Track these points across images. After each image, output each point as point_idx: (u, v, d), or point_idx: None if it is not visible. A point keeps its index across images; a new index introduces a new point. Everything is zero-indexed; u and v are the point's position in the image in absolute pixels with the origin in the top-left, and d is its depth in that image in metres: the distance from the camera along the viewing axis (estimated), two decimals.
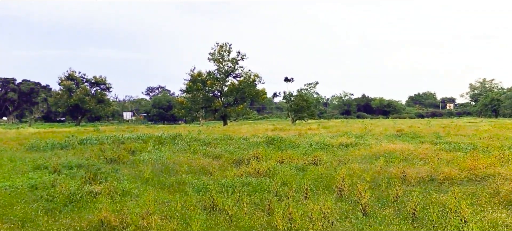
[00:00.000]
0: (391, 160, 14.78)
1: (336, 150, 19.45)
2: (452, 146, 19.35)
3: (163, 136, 25.69)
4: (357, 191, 9.18)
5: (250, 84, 64.92)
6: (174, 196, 10.22)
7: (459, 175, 11.76)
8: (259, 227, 7.62)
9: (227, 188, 10.70)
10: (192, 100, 66.04)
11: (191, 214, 8.15)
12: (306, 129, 36.83)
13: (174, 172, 13.85)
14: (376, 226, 7.78)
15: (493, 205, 8.77)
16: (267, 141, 22.81)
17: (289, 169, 13.86)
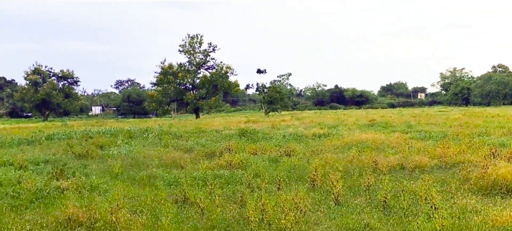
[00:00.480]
0: (363, 149, 14.85)
1: (309, 140, 19.49)
2: (423, 135, 19.64)
3: (133, 129, 25.30)
4: (329, 181, 9.15)
5: (222, 76, 64.56)
6: (144, 190, 10.02)
7: (430, 163, 11.89)
8: (231, 219, 7.51)
9: (198, 181, 10.56)
10: (163, 94, 65.22)
11: (162, 208, 7.99)
12: (279, 121, 36.87)
13: (144, 166, 13.63)
14: (348, 215, 7.77)
15: (463, 192, 8.87)
16: (240, 133, 22.69)
17: (262, 160, 13.79)
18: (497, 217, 6.79)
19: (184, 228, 7.05)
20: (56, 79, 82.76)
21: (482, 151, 13.12)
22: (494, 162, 10.71)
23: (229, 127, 28.50)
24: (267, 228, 6.71)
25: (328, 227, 7.14)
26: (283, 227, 6.52)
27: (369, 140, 17.61)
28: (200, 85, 65.86)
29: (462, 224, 6.83)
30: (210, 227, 7.16)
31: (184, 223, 7.38)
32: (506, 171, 9.27)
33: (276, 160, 13.90)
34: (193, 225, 7.26)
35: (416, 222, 6.13)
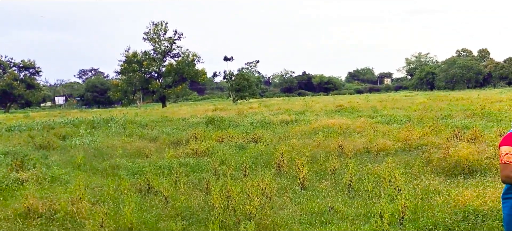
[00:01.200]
0: (330, 134, 14.93)
1: (277, 127, 19.49)
2: (388, 119, 19.90)
3: (96, 119, 24.76)
4: (295, 166, 9.14)
5: (188, 64, 63.88)
6: (107, 180, 9.79)
7: (394, 146, 12.04)
8: (196, 206, 7.42)
9: (163, 169, 10.39)
10: (128, 82, 64.06)
11: (124, 197, 7.81)
12: (247, 108, 36.78)
13: (108, 156, 13.35)
14: (314, 199, 7.78)
15: (425, 173, 9.00)
16: (207, 121, 22.51)
17: (228, 148, 13.69)
18: (459, 196, 6.89)
19: (147, 216, 6.90)
20: (17, 69, 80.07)
21: (445, 133, 13.38)
22: (457, 144, 10.91)
23: (196, 115, 28.26)
24: (232, 214, 6.63)
25: (293, 211, 7.11)
26: (248, 212, 6.44)
27: (336, 125, 17.72)
28: (166, 73, 65.01)
29: (425, 205, 6.91)
30: (174, 215, 7.04)
31: (147, 212, 7.24)
32: (467, 152, 9.45)
33: (243, 147, 13.83)
34: (157, 214, 7.12)
35: (379, 203, 6.15)
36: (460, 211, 6.25)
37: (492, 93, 48.25)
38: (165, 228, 6.35)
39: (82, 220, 6.71)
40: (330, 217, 6.77)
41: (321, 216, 6.84)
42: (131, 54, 63.57)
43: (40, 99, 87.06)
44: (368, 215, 6.67)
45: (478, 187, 7.57)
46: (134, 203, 6.93)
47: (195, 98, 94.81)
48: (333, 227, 6.32)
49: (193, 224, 6.60)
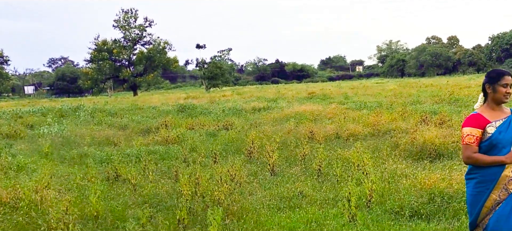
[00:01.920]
0: (301, 121, 14.97)
1: (249, 114, 19.46)
2: (359, 105, 20.08)
3: (65, 108, 24.27)
4: (266, 153, 9.12)
5: (160, 52, 63.15)
6: (74, 169, 9.60)
7: (363, 131, 12.14)
8: (164, 194, 7.32)
9: (132, 157, 10.24)
10: (98, 71, 62.98)
11: (91, 185, 7.65)
12: (220, 96, 36.63)
13: (76, 144, 13.10)
14: (283, 184, 7.79)
15: (393, 157, 9.09)
16: (178, 109, 22.30)
17: (199, 135, 13.59)
18: (425, 179, 6.98)
19: (114, 204, 6.78)
20: None
21: (413, 119, 13.56)
22: (424, 128, 11.07)
23: (167, 103, 27.98)
24: (200, 200, 6.57)
25: (262, 197, 7.10)
26: (217, 199, 6.39)
27: (307, 111, 17.79)
28: (137, 61, 64.13)
29: (392, 188, 6.98)
30: (141, 202, 6.93)
31: (114, 200, 7.12)
32: (433, 135, 9.60)
33: (214, 134, 13.75)
34: (124, 201, 7.01)
35: (347, 187, 6.19)
36: (426, 193, 6.34)
37: (461, 80, 49.23)
38: (131, 216, 6.24)
39: (46, 208, 6.54)
40: (299, 202, 6.78)
41: (290, 201, 6.85)
42: (100, 42, 62.48)
43: (8, 88, 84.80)
44: (336, 199, 6.71)
45: (444, 170, 7.69)
46: (100, 191, 6.80)
47: (167, 87, 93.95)
48: (301, 211, 6.32)
49: (161, 211, 6.51)
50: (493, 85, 3.73)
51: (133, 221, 5.92)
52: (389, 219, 5.82)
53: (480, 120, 3.72)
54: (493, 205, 3.70)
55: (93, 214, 6.25)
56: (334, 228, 5.59)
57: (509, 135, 3.66)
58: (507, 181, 3.65)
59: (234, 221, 5.88)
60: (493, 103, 3.77)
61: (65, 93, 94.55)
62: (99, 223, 6.08)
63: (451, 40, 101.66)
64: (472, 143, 3.71)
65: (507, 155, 3.60)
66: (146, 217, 5.70)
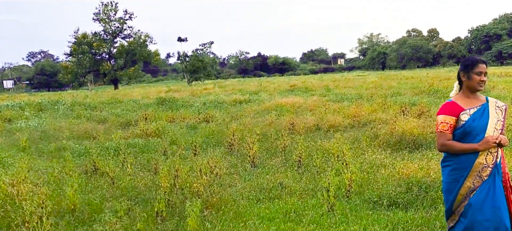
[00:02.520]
0: (282, 113, 14.98)
1: (230, 107, 19.40)
2: (340, 97, 20.17)
3: (44, 102, 23.91)
4: (246, 145, 9.09)
5: (140, 45, 62.48)
6: (52, 162, 9.45)
7: (343, 122, 12.20)
8: (142, 186, 7.25)
9: (111, 150, 10.12)
10: (78, 65, 62.06)
11: (69, 178, 7.54)
12: (201, 89, 36.44)
13: (54, 138, 12.90)
14: (263, 175, 7.78)
15: (372, 148, 9.16)
16: (158, 102, 22.13)
17: (179, 128, 13.50)
18: (403, 169, 7.04)
19: (91, 197, 6.69)
20: None
21: (393, 110, 13.66)
22: (403, 119, 11.15)
23: (148, 97, 27.76)
24: (179, 192, 6.52)
25: (242, 188, 7.08)
26: (196, 190, 6.35)
27: (289, 104, 17.81)
28: (118, 55, 63.32)
29: (371, 178, 7.03)
30: (119, 195, 6.85)
31: (91, 193, 7.02)
32: (412, 126, 9.68)
33: (195, 127, 13.68)
34: (101, 194, 6.92)
35: (326, 178, 6.21)
36: (404, 183, 6.39)
37: (441, 72, 49.77)
38: (109, 208, 6.17)
39: (22, 202, 6.42)
40: (279, 193, 6.78)
41: (269, 192, 6.84)
42: (80, 35, 61.58)
43: None
44: (315, 189, 6.72)
45: (422, 160, 7.77)
46: (77, 184, 6.70)
47: (148, 81, 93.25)
48: (281, 202, 6.32)
49: (139, 203, 6.45)
50: (467, 73, 3.76)
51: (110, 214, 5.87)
52: (367, 209, 5.85)
53: (454, 108, 3.75)
54: (468, 192, 3.74)
55: (70, 207, 6.17)
56: (313, 218, 5.59)
57: (483, 123, 3.70)
58: (481, 168, 3.69)
59: (213, 212, 5.86)
60: (468, 91, 3.80)
61: (45, 88, 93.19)
62: (76, 216, 6.00)
63: (431, 33, 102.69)
64: (446, 130, 3.74)
65: (480, 142, 3.64)
66: (123, 210, 5.63)
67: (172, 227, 5.45)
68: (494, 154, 3.69)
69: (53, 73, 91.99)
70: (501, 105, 3.83)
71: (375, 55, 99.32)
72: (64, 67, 64.89)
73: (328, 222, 5.46)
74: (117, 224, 4.62)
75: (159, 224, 5.56)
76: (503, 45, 79.74)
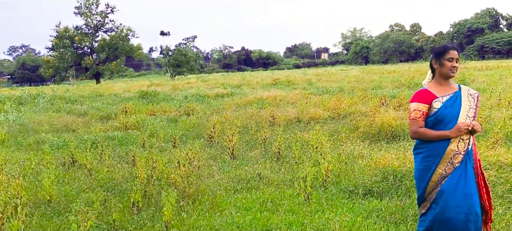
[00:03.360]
0: (264, 106, 14.99)
1: (212, 100, 19.36)
2: (321, 90, 20.25)
3: (24, 95, 23.63)
4: (226, 137, 9.09)
5: (123, 39, 61.89)
6: (30, 155, 9.34)
7: (324, 115, 12.25)
8: (120, 178, 7.21)
9: (89, 143, 10.03)
10: (59, 59, 61.26)
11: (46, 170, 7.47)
12: (184, 83, 36.28)
13: (33, 131, 12.76)
14: (242, 167, 7.80)
15: (351, 139, 9.22)
16: (140, 96, 21.99)
17: (160, 121, 13.44)
18: (380, 159, 7.09)
19: (68, 189, 6.65)
20: None
21: (373, 102, 13.77)
22: (382, 111, 11.25)
23: (130, 91, 27.55)
24: (156, 184, 6.50)
25: (220, 179, 7.08)
26: (173, 182, 6.34)
27: (271, 97, 17.83)
28: (99, 49, 62.66)
29: (348, 168, 7.08)
30: (96, 186, 6.81)
31: (69, 184, 6.98)
32: (391, 117, 9.77)
33: (175, 120, 13.63)
34: (78, 186, 6.87)
35: (304, 168, 6.25)
36: (380, 172, 6.44)
37: (423, 66, 50.12)
38: (85, 199, 6.13)
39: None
40: (256, 183, 6.80)
41: (247, 183, 6.86)
42: (62, 29, 60.80)
43: None
44: (293, 180, 6.75)
45: (399, 150, 7.84)
46: (54, 176, 6.64)
47: (131, 75, 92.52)
48: (258, 192, 6.35)
49: (116, 194, 6.42)
50: (439, 60, 3.79)
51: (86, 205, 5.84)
52: (343, 198, 5.90)
53: (427, 96, 3.78)
54: (439, 179, 3.76)
55: (46, 198, 6.13)
56: (289, 207, 5.62)
57: (456, 110, 3.72)
58: (453, 155, 3.71)
59: (189, 203, 5.85)
60: (441, 79, 3.83)
61: (27, 82, 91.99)
62: (52, 207, 5.95)
63: (413, 27, 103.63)
64: (419, 118, 3.77)
65: (452, 129, 3.66)
66: (99, 201, 5.59)
67: (148, 217, 5.44)
68: (466, 141, 3.72)
69: (34, 68, 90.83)
70: (473, 93, 3.86)
71: (358, 49, 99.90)
72: (45, 61, 64.05)
73: (304, 210, 5.49)
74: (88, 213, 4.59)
75: (135, 215, 5.54)
76: (485, 39, 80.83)
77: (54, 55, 63.01)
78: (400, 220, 4.99)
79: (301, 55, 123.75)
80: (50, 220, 5.50)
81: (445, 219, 3.74)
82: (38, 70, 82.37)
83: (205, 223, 5.16)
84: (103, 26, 62.65)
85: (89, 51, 64.02)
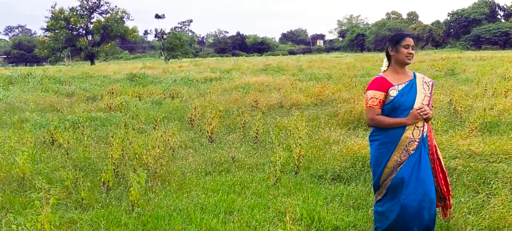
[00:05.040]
0: (249, 91, 15.04)
1: (200, 84, 19.39)
2: (309, 76, 20.29)
3: (14, 75, 23.56)
4: (206, 120, 9.16)
5: (117, 21, 61.71)
6: (11, 133, 9.39)
7: (306, 101, 12.33)
8: (95, 157, 7.29)
9: (72, 123, 10.09)
10: (54, 40, 61.11)
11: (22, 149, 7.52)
12: (176, 67, 36.22)
13: (19, 110, 12.80)
14: (218, 150, 7.87)
15: (330, 126, 9.30)
16: (129, 78, 21.98)
17: (144, 103, 13.49)
18: (353, 146, 7.18)
19: (42, 167, 6.72)
20: None
21: (357, 90, 13.83)
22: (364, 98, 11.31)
23: (120, 72, 27.52)
24: (128, 164, 6.57)
25: (194, 161, 7.16)
26: (145, 162, 6.42)
27: (258, 82, 17.88)
28: (94, 30, 62.49)
29: (321, 154, 7.17)
30: (71, 165, 6.88)
31: (45, 163, 7.05)
32: None
33: (160, 102, 13.68)
34: (53, 165, 6.95)
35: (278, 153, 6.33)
36: (350, 158, 6.54)
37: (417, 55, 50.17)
38: (57, 177, 6.22)
39: None
40: (229, 166, 6.88)
41: (220, 166, 6.94)
42: (57, 10, 60.49)
43: None
44: (265, 164, 6.84)
45: None
46: (28, 153, 6.71)
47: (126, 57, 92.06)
48: (229, 175, 6.43)
49: (89, 173, 6.49)
50: (395, 47, 3.86)
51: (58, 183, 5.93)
52: (312, 182, 5.98)
53: (383, 83, 3.85)
54: (395, 165, 3.84)
55: (20, 176, 6.20)
56: (256, 190, 5.71)
57: (411, 98, 3.79)
58: (408, 142, 3.79)
59: (159, 183, 5.94)
60: (397, 66, 3.89)
61: (22, 62, 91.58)
62: (24, 184, 6.02)
63: (410, 15, 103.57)
64: (375, 105, 3.83)
65: (408, 117, 3.73)
66: (70, 179, 5.68)
67: (115, 196, 5.52)
68: (420, 128, 3.80)
69: (30, 48, 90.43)
70: (428, 81, 3.94)
71: (354, 37, 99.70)
72: (40, 42, 63.94)
73: (270, 194, 5.59)
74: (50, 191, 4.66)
75: (103, 193, 5.63)
76: (481, 29, 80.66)
77: (49, 36, 62.78)
78: (362, 205, 5.09)
79: (297, 42, 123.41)
80: (19, 196, 5.57)
81: (399, 205, 3.82)
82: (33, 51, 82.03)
83: (170, 203, 5.24)
84: (98, 8, 62.37)
85: (84, 32, 63.74)
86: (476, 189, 5.26)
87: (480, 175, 5.54)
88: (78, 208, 5.24)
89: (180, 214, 4.88)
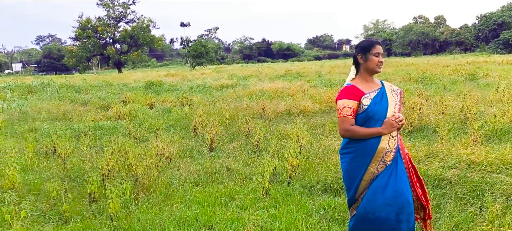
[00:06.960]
0: (261, 98, 14.90)
1: (215, 91, 19.36)
2: (325, 83, 20.01)
3: (34, 84, 24.09)
4: (209, 128, 9.06)
5: (144, 30, 62.64)
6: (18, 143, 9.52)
7: (314, 108, 12.11)
8: (88, 168, 7.26)
9: (73, 132, 10.15)
10: (82, 49, 62.50)
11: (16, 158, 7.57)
12: (199, 74, 36.41)
13: (32, 119, 13.00)
14: (217, 159, 7.74)
15: (334, 133, 9.07)
16: (146, 86, 22.15)
17: (155, 111, 13.51)
18: None
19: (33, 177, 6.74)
20: None
21: None
22: None
23: (141, 80, 27.77)
24: (117, 175, 6.51)
25: (187, 171, 7.04)
26: (134, 173, 6.35)
27: (272, 89, 17.72)
28: (121, 39, 63.61)
29: (317, 163, 6.96)
30: (64, 176, 6.88)
31: (35, 173, 7.06)
32: None
33: (169, 111, 13.67)
34: (46, 175, 6.95)
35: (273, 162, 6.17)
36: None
37: (445, 59, 49.13)
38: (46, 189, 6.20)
39: None
40: (222, 176, 6.74)
41: (213, 176, 6.80)
42: (84, 20, 61.88)
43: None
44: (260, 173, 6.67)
45: None
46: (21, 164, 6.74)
47: (154, 65, 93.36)
48: (219, 186, 6.29)
49: (79, 184, 6.46)
50: (365, 55, 3.67)
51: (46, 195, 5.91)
52: (301, 194, 5.79)
53: (355, 92, 3.65)
54: (372, 178, 3.64)
55: (9, 186, 6.20)
56: (242, 202, 5.55)
57: (384, 107, 3.61)
58: (384, 153, 3.59)
59: (144, 195, 5.85)
60: (367, 74, 3.71)
61: (52, 71, 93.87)
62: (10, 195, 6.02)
63: (438, 19, 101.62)
64: (349, 115, 3.62)
65: (383, 126, 3.55)
66: (56, 191, 5.64)
67: (97, 209, 5.45)
68: (395, 138, 3.62)
69: (59, 57, 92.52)
70: (395, 89, 3.76)
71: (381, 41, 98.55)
72: (68, 51, 65.41)
73: (256, 206, 5.42)
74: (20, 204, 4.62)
75: (86, 206, 5.56)
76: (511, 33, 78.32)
77: (77, 45, 64.22)
78: (347, 218, 4.87)
79: (323, 47, 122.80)
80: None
81: (375, 218, 3.63)
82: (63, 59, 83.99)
83: (151, 216, 5.14)
84: (125, 17, 63.48)
85: (111, 41, 64.91)
86: (469, 201, 4.99)
87: (475, 187, 5.26)
88: (60, 221, 5.19)
89: (156, 228, 4.77)
